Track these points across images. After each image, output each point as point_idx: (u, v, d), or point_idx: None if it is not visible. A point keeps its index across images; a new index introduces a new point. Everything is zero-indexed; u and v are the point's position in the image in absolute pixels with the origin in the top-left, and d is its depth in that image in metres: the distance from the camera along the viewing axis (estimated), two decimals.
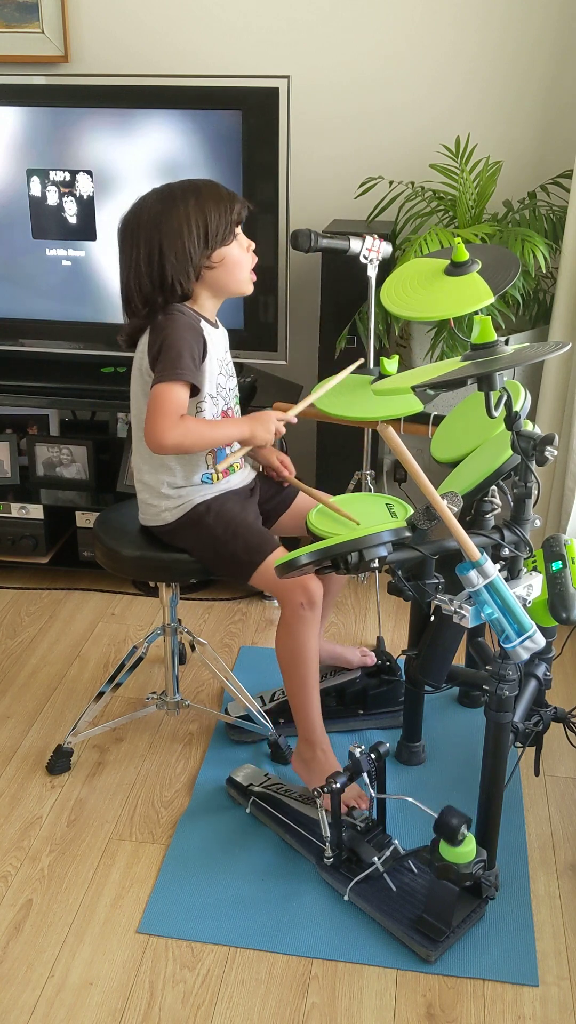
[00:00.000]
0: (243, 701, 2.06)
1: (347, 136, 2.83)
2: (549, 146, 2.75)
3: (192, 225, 1.76)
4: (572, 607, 1.68)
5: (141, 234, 1.77)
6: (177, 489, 1.88)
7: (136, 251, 1.78)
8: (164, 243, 1.75)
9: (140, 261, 1.77)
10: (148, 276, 1.78)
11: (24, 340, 2.79)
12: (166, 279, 1.78)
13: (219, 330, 1.90)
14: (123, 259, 1.81)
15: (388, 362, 1.96)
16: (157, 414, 1.74)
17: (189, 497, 1.89)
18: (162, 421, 1.73)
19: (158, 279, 1.78)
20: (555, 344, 1.51)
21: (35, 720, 2.22)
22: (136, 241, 1.78)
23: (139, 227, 1.78)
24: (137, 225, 1.78)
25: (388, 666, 2.23)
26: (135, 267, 1.79)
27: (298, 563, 1.51)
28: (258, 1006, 1.53)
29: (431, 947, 1.59)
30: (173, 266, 1.77)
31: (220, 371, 1.88)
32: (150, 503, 1.91)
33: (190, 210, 1.76)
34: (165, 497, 1.88)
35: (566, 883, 1.77)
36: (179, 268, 1.77)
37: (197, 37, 2.78)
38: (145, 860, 1.81)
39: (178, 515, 1.89)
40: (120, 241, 1.82)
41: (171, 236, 1.75)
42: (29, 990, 1.55)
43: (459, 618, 1.52)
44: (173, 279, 1.78)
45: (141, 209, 1.79)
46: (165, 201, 1.77)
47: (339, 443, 2.68)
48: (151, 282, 1.78)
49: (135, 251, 1.78)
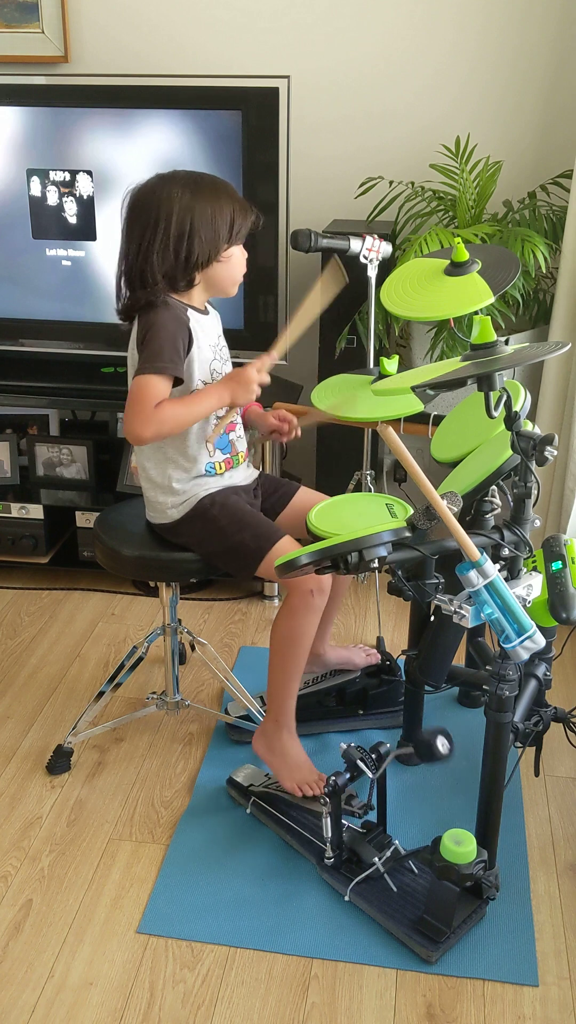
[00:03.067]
0: (243, 701, 2.06)
1: (347, 136, 2.83)
2: (549, 146, 2.75)
3: (225, 214, 1.78)
4: (572, 607, 1.68)
5: (173, 212, 1.75)
6: (183, 484, 1.88)
7: (156, 229, 1.75)
8: (196, 224, 1.75)
9: (162, 238, 1.75)
10: (171, 253, 1.76)
11: (24, 340, 2.79)
12: (191, 258, 1.77)
13: (210, 316, 1.90)
14: (136, 233, 1.78)
15: (388, 362, 1.96)
16: (132, 407, 1.74)
17: (194, 492, 1.89)
18: (137, 414, 1.73)
19: (183, 258, 1.77)
20: (555, 344, 1.51)
21: (35, 720, 2.22)
22: (156, 218, 1.75)
23: (165, 204, 1.75)
24: (162, 202, 1.75)
25: (388, 666, 2.23)
26: (152, 243, 1.76)
27: (298, 563, 1.51)
28: (258, 1006, 1.53)
29: (432, 948, 1.59)
30: (200, 247, 1.77)
31: (215, 356, 1.88)
32: (157, 499, 1.91)
33: (222, 200, 1.78)
34: (172, 493, 1.88)
35: (566, 883, 1.77)
36: (204, 251, 1.78)
37: (197, 37, 2.78)
38: (145, 860, 1.81)
39: (184, 511, 1.89)
40: (139, 216, 1.78)
41: (205, 219, 1.76)
42: (29, 990, 1.55)
43: (459, 618, 1.52)
44: (197, 259, 1.78)
45: (163, 189, 1.77)
46: (198, 185, 1.78)
47: (339, 443, 2.68)
48: (171, 260, 1.77)
49: (156, 228, 1.75)
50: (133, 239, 1.79)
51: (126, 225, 1.81)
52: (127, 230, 1.81)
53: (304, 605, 1.84)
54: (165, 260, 1.77)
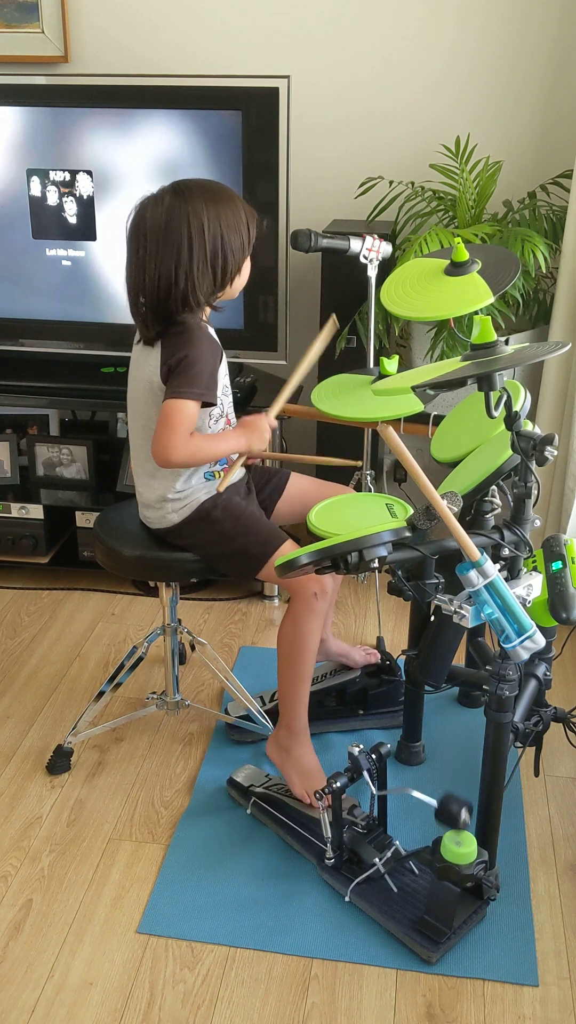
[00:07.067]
0: (243, 701, 2.06)
1: (347, 136, 2.83)
2: (549, 146, 2.75)
3: (243, 220, 1.76)
4: (572, 607, 1.68)
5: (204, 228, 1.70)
6: (181, 492, 1.88)
7: (192, 248, 1.69)
8: (226, 236, 1.72)
9: (200, 256, 1.70)
10: (210, 269, 1.72)
11: (24, 340, 2.79)
12: (227, 271, 1.75)
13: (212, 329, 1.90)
14: (169, 255, 1.70)
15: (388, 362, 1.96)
16: (169, 430, 1.73)
17: (195, 496, 1.89)
18: (174, 438, 1.73)
19: (220, 271, 1.74)
20: (555, 344, 1.51)
21: (35, 720, 2.22)
22: (190, 236, 1.69)
23: (194, 221, 1.69)
24: (190, 219, 1.69)
25: (388, 666, 2.23)
26: (191, 263, 1.70)
27: (298, 563, 1.51)
28: (258, 1006, 1.53)
29: (432, 948, 1.59)
30: (233, 259, 1.74)
31: (226, 372, 1.89)
32: (155, 507, 1.91)
33: (238, 207, 1.75)
34: (171, 500, 1.88)
35: (566, 883, 1.77)
36: (235, 262, 1.76)
37: (197, 37, 2.78)
38: (145, 860, 1.81)
39: (184, 515, 1.89)
40: (166, 237, 1.70)
41: (231, 230, 1.73)
42: (29, 990, 1.55)
43: (459, 618, 1.52)
44: (231, 271, 1.76)
45: (184, 205, 1.70)
46: (216, 196, 1.73)
47: (339, 443, 2.68)
48: (210, 277, 1.73)
49: (192, 247, 1.69)
50: (164, 263, 1.70)
51: (148, 248, 1.71)
52: (152, 254, 1.71)
53: (307, 609, 1.84)
54: (205, 278, 1.73)
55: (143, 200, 1.75)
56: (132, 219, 1.75)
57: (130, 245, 1.76)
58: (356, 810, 1.81)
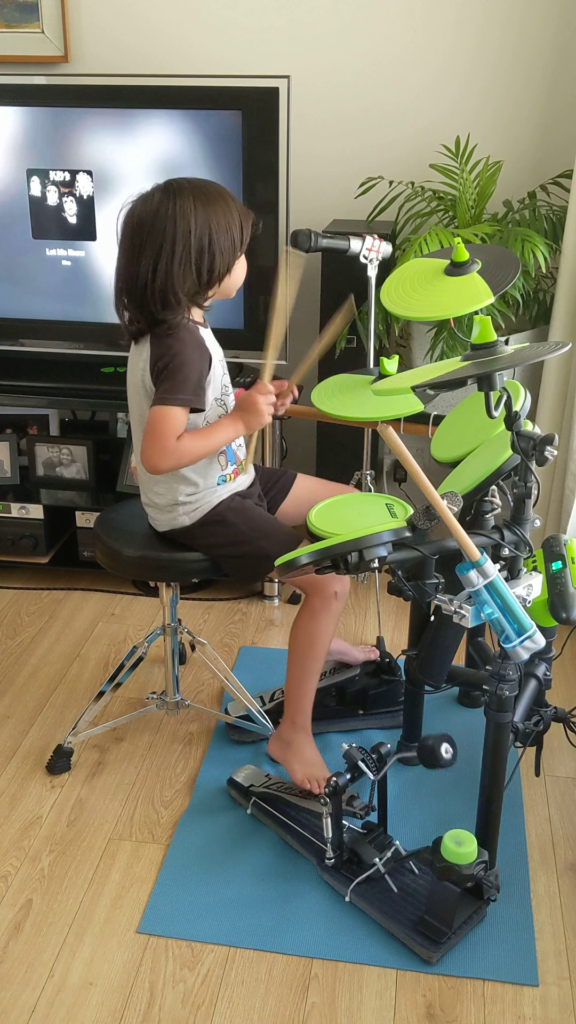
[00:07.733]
0: (243, 701, 2.06)
1: (347, 136, 2.83)
2: (549, 146, 2.75)
3: (235, 221, 1.74)
4: (572, 607, 1.68)
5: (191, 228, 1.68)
6: (194, 496, 1.88)
7: (174, 247, 1.68)
8: (214, 236, 1.70)
9: (182, 255, 1.69)
10: (194, 270, 1.71)
11: (24, 340, 2.79)
12: (214, 272, 1.73)
13: (208, 329, 1.89)
14: (150, 253, 1.69)
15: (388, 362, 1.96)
16: (154, 438, 1.73)
17: (208, 499, 1.88)
18: (158, 447, 1.73)
19: (206, 273, 1.72)
20: (555, 344, 1.51)
21: (35, 720, 2.22)
22: (173, 235, 1.68)
23: (181, 221, 1.68)
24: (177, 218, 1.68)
25: (388, 666, 2.23)
26: (171, 262, 1.69)
27: (298, 563, 1.51)
28: (258, 1006, 1.53)
29: (432, 948, 1.59)
30: (221, 259, 1.73)
31: (224, 371, 1.88)
32: (166, 510, 1.90)
33: (230, 207, 1.74)
34: (183, 504, 1.88)
35: (566, 883, 1.77)
36: (223, 263, 1.74)
37: (197, 37, 2.78)
38: (145, 860, 1.81)
39: (196, 517, 1.88)
40: (151, 234, 1.69)
41: (221, 230, 1.71)
42: (29, 990, 1.55)
43: (459, 618, 1.52)
44: (219, 272, 1.74)
45: (172, 203, 1.69)
46: (206, 196, 1.71)
47: (339, 443, 2.68)
48: (193, 277, 1.72)
49: (175, 246, 1.68)
50: (146, 259, 1.70)
51: (133, 244, 1.72)
52: (136, 250, 1.71)
53: (325, 608, 1.85)
54: (187, 278, 1.72)
55: (134, 197, 1.75)
56: (121, 215, 1.75)
57: (119, 241, 1.76)
58: (355, 801, 1.80)
